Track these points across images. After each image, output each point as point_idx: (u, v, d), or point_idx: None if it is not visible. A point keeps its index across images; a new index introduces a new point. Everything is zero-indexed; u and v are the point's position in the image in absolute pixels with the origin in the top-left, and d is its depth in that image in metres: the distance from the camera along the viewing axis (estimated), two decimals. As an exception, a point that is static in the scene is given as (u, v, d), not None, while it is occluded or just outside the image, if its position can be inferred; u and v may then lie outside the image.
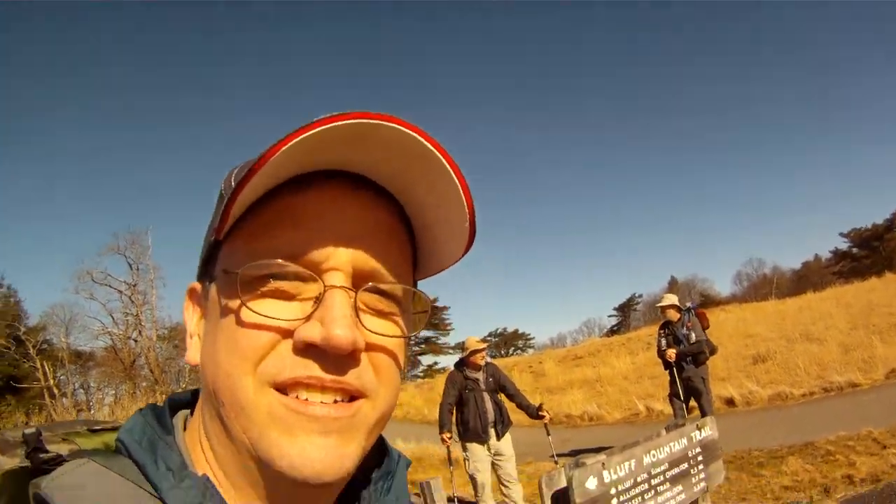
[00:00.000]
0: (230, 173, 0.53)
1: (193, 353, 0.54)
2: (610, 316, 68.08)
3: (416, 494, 4.29)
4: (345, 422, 0.46)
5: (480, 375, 5.96)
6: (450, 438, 5.94)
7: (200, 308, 0.55)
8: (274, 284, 0.47)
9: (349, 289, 0.48)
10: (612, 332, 56.28)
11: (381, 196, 0.52)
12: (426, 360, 62.30)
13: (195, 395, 0.59)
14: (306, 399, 0.45)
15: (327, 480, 0.45)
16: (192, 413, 0.57)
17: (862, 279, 27.80)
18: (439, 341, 61.75)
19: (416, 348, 62.04)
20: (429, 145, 0.46)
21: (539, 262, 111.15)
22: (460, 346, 6.44)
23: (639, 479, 3.73)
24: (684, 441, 4.16)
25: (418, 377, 52.50)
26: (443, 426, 5.93)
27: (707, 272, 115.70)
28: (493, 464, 5.90)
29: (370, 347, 0.48)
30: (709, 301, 48.36)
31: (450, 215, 0.52)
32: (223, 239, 0.50)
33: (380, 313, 0.51)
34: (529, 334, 70.02)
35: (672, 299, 7.50)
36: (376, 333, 0.49)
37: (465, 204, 0.50)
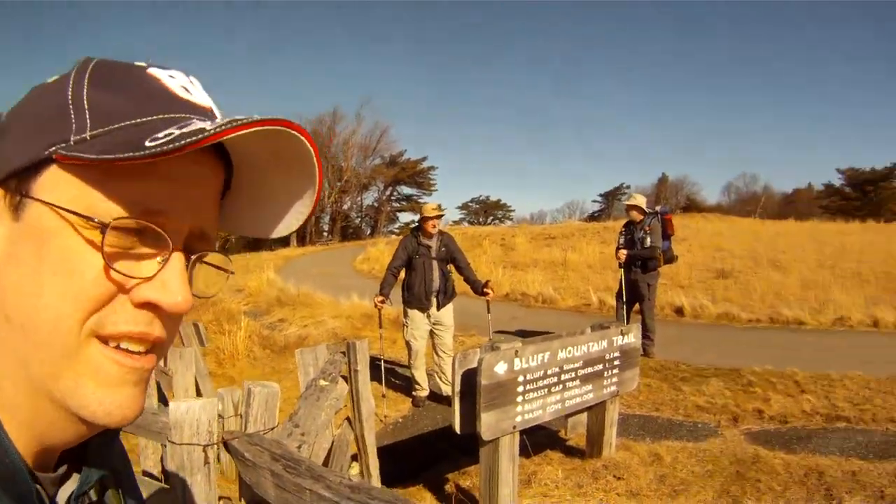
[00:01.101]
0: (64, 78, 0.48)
1: None
2: (594, 201, 67.13)
3: (343, 353, 4.22)
4: (147, 372, 0.49)
5: (433, 243, 5.93)
6: (382, 303, 6.01)
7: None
8: (125, 238, 0.45)
9: (188, 252, 0.49)
10: (592, 217, 55.49)
11: (220, 158, 0.52)
12: (405, 217, 59.42)
13: None
14: (127, 349, 0.46)
15: (128, 423, 0.48)
16: None
17: (845, 220, 27.80)
18: (421, 200, 57.92)
19: (396, 205, 59.37)
20: (304, 140, 0.48)
21: (534, 137, 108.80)
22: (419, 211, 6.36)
23: (549, 372, 3.77)
24: (605, 343, 4.16)
25: (393, 233, 49.53)
26: (382, 288, 5.99)
27: (700, 177, 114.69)
28: (432, 333, 6.04)
29: None
30: (692, 205, 48.38)
31: (289, 203, 0.55)
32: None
33: (196, 276, 0.52)
34: (510, 206, 69.15)
35: (638, 200, 7.22)
36: (193, 295, 0.51)
37: (314, 200, 0.53)
